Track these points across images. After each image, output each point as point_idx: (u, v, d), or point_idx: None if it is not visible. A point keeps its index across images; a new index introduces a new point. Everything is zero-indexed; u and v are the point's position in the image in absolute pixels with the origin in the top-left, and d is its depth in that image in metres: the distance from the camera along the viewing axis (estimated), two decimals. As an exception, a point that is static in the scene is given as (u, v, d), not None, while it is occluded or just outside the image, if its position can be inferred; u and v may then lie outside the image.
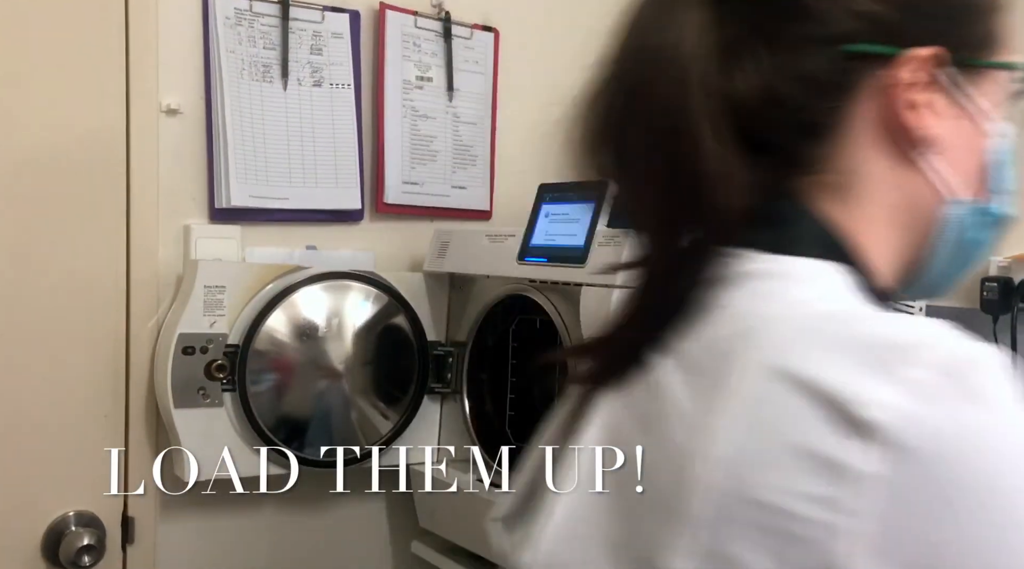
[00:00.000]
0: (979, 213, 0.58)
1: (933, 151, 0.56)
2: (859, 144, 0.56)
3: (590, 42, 1.98)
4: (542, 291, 1.29)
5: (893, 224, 0.57)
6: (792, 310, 0.51)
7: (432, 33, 1.63)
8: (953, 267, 0.60)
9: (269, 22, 1.47)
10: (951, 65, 0.55)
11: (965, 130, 0.57)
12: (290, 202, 1.48)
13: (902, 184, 0.56)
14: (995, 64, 0.58)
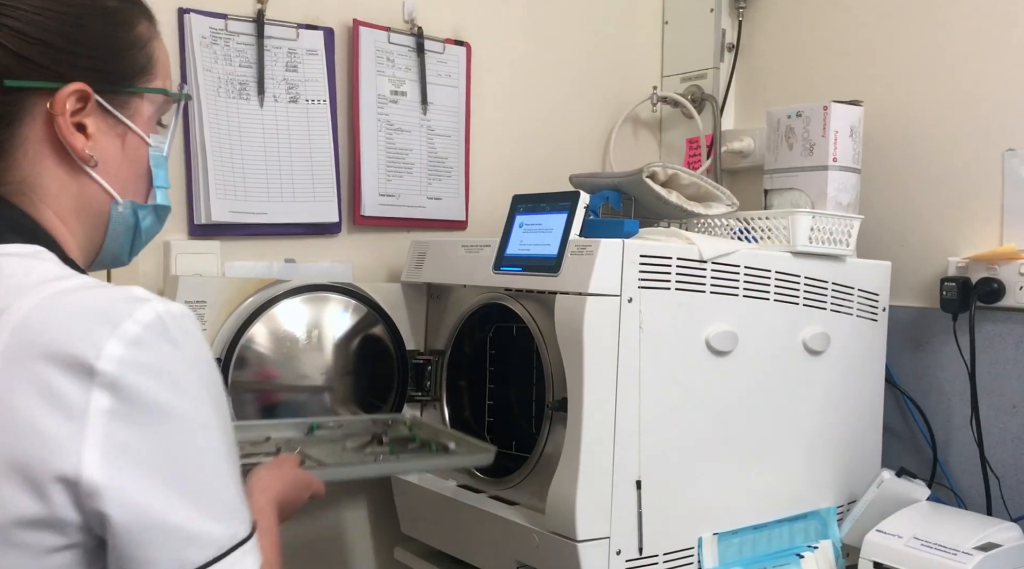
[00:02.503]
0: (141, 208, 0.78)
1: (94, 165, 0.74)
2: (29, 158, 0.72)
3: (560, 55, 2.05)
4: (518, 299, 1.32)
5: (65, 218, 0.74)
6: (32, 288, 0.64)
7: (405, 48, 1.66)
8: (128, 247, 0.80)
9: (245, 40, 1.49)
10: (102, 94, 0.73)
11: (128, 144, 0.76)
12: (268, 216, 1.50)
13: (69, 188, 0.74)
14: (135, 90, 0.75)
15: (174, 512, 0.63)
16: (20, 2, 0.70)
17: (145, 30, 0.78)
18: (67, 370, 0.61)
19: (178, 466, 0.63)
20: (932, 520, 1.31)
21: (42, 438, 0.60)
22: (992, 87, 1.51)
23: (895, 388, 1.59)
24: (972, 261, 1.50)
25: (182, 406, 0.64)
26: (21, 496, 0.60)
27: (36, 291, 0.64)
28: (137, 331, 0.63)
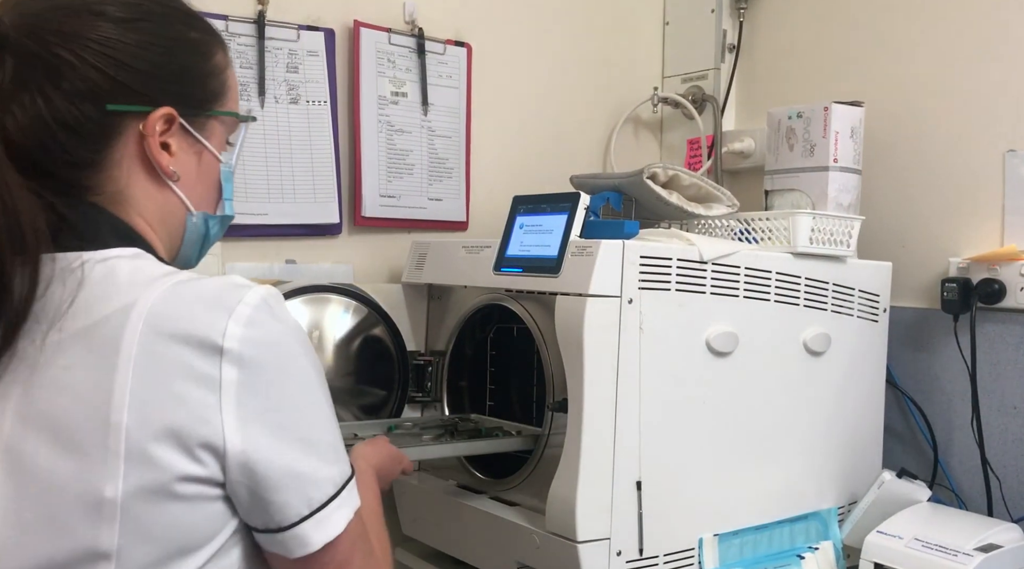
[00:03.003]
0: (211, 218, 0.88)
1: (176, 180, 0.83)
2: (122, 172, 0.80)
3: (560, 55, 2.05)
4: (518, 300, 1.32)
5: (152, 225, 0.83)
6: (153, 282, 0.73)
7: (406, 49, 1.66)
8: (198, 252, 0.89)
9: (245, 41, 1.49)
10: (184, 118, 0.82)
11: (203, 161, 0.85)
12: (269, 217, 1.51)
13: (155, 199, 0.83)
14: (212, 113, 0.85)
15: (299, 461, 0.74)
16: (124, 37, 0.78)
17: (221, 59, 0.86)
18: (200, 350, 0.71)
19: (298, 422, 0.74)
20: (933, 521, 1.31)
21: (188, 409, 0.70)
22: (993, 88, 1.51)
23: (896, 389, 1.59)
24: (973, 262, 1.50)
25: (293, 370, 0.75)
26: (178, 457, 0.70)
27: (156, 284, 0.74)
28: (249, 312, 0.73)
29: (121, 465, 0.69)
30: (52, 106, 0.76)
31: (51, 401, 0.71)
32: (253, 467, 0.72)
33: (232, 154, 0.90)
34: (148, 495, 0.70)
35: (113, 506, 0.69)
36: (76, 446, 0.70)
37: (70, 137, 0.77)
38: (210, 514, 0.73)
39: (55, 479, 0.70)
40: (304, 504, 0.74)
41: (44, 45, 0.76)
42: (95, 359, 0.71)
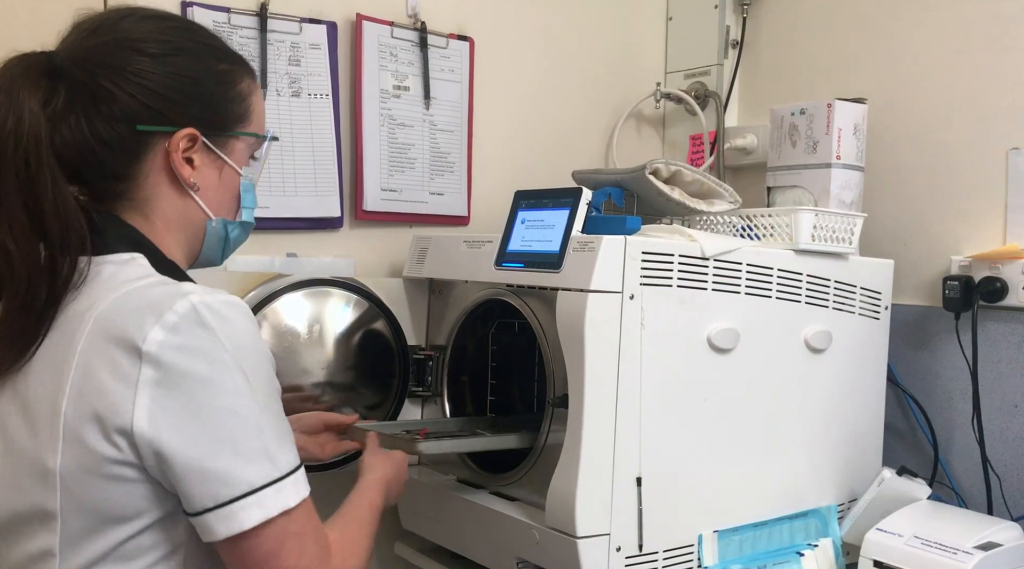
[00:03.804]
0: (229, 224, 1.01)
1: (197, 190, 0.96)
2: (151, 182, 0.95)
3: (563, 50, 2.04)
4: (519, 295, 1.32)
5: (172, 230, 0.97)
6: (104, 295, 0.85)
7: (408, 43, 1.65)
8: (220, 252, 1.03)
9: (247, 34, 1.49)
10: (207, 137, 0.96)
11: (224, 175, 0.99)
12: (271, 210, 1.50)
13: (178, 206, 0.96)
14: (233, 134, 0.98)
15: (206, 459, 0.81)
16: (157, 69, 0.92)
17: (246, 86, 1.00)
18: (125, 350, 0.81)
19: (210, 422, 0.81)
20: (933, 519, 1.31)
21: (109, 399, 0.81)
22: (997, 86, 1.51)
23: (897, 387, 1.59)
24: (975, 260, 1.50)
25: (212, 376, 0.82)
26: (100, 441, 0.81)
27: (116, 290, 0.85)
28: (174, 320, 0.81)
29: (60, 443, 0.82)
30: (93, 126, 0.90)
31: (29, 385, 0.86)
32: (161, 457, 0.81)
33: (255, 168, 1.03)
34: (81, 471, 0.82)
35: (55, 477, 0.82)
36: (36, 426, 0.84)
37: (107, 152, 0.91)
38: (135, 492, 0.83)
39: (22, 450, 0.85)
40: (209, 498, 0.81)
41: (91, 76, 0.90)
42: (60, 352, 0.84)
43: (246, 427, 0.83)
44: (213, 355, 0.82)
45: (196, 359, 0.81)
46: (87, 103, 0.90)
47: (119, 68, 0.91)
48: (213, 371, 0.82)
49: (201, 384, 0.81)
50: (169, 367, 0.80)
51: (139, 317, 0.82)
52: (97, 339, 0.82)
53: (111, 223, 0.93)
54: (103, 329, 0.82)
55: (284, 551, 0.84)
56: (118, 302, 0.84)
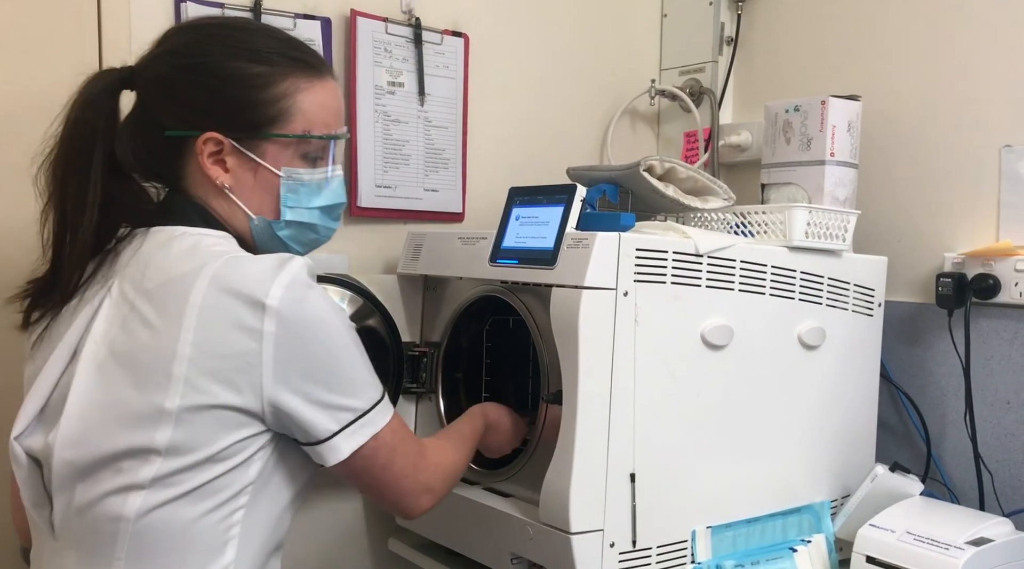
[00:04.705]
0: (272, 224, 1.05)
1: (229, 190, 1.02)
2: (196, 182, 1.03)
3: (558, 47, 2.03)
4: (514, 292, 1.32)
5: (232, 226, 1.04)
6: (215, 256, 0.93)
7: (403, 39, 1.65)
8: (280, 248, 1.05)
9: (241, 30, 1.48)
10: (235, 140, 1.00)
11: (259, 176, 1.02)
12: (265, 207, 1.50)
13: (223, 206, 1.03)
14: (264, 136, 1.01)
15: (324, 395, 0.95)
16: (180, 77, 1.00)
17: (287, 87, 1.01)
18: (248, 305, 0.90)
19: (325, 365, 0.94)
20: (925, 515, 1.32)
21: (234, 349, 0.90)
22: (990, 83, 1.51)
23: (890, 383, 1.59)
24: (968, 257, 1.50)
25: (324, 324, 0.94)
26: (222, 389, 0.90)
27: (223, 256, 0.94)
28: (289, 278, 0.92)
29: (180, 386, 0.90)
30: (140, 134, 1.01)
31: (136, 332, 0.93)
32: (287, 401, 0.92)
33: (302, 168, 1.04)
34: (196, 412, 0.90)
35: (170, 416, 0.90)
36: (143, 373, 0.91)
37: (152, 157, 1.02)
38: (239, 435, 0.92)
39: (120, 396, 0.92)
40: (334, 423, 0.95)
41: (141, 87, 1.02)
42: (171, 305, 0.91)
43: (353, 363, 0.97)
44: (321, 308, 0.94)
45: (311, 312, 0.93)
46: (139, 111, 1.02)
47: (155, 78, 1.01)
48: (324, 322, 0.94)
49: (316, 333, 0.93)
50: (290, 319, 0.91)
51: (258, 276, 0.91)
52: (216, 294, 0.90)
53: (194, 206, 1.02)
54: (221, 286, 0.91)
55: (397, 454, 1.01)
56: (231, 263, 0.93)
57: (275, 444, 0.97)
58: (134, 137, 1.02)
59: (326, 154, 1.06)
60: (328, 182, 1.07)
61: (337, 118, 1.06)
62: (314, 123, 1.03)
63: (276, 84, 1.01)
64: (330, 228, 1.11)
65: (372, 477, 1.01)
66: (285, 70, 1.01)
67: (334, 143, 1.06)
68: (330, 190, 1.07)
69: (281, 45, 1.03)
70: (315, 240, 1.10)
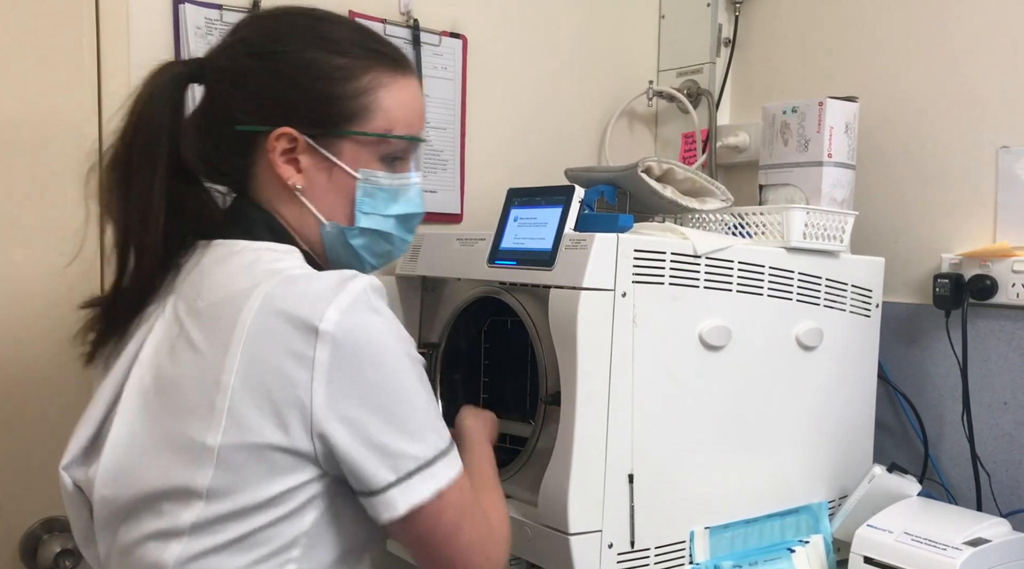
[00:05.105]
0: (346, 230, 0.95)
1: (300, 192, 0.92)
2: (265, 183, 0.93)
3: (556, 48, 2.03)
4: (512, 293, 1.32)
5: (299, 233, 0.94)
6: (271, 274, 0.84)
7: (401, 40, 1.65)
8: (352, 260, 0.97)
9: (240, 31, 1.48)
10: (310, 137, 0.91)
11: (334, 177, 0.93)
12: (263, 208, 1.50)
13: (293, 210, 0.93)
14: (341, 133, 0.92)
15: (381, 435, 0.81)
16: (255, 68, 0.91)
17: (368, 82, 0.92)
18: (300, 330, 0.80)
19: (385, 400, 0.82)
20: (922, 515, 1.32)
21: (283, 377, 0.79)
22: (987, 84, 1.52)
23: (887, 384, 1.59)
24: (965, 258, 1.50)
25: (384, 356, 0.82)
26: (269, 423, 0.79)
27: (279, 274, 0.84)
28: (348, 301, 0.81)
29: (223, 420, 0.79)
30: (208, 131, 0.93)
31: (182, 357, 0.84)
32: (338, 438, 0.80)
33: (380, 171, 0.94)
34: (240, 451, 0.80)
35: (212, 454, 0.80)
36: (186, 403, 0.82)
37: (220, 155, 0.93)
38: (286, 480, 0.81)
39: (164, 429, 0.83)
40: (390, 472, 0.82)
41: (212, 79, 0.93)
42: (219, 328, 0.82)
43: (414, 404, 0.84)
44: (384, 335, 0.83)
45: (371, 338, 0.82)
46: (206, 105, 0.93)
47: (227, 70, 0.92)
48: (385, 352, 0.82)
49: (374, 364, 0.81)
50: (346, 346, 0.80)
51: (314, 298, 0.81)
52: (267, 318, 0.80)
53: (259, 213, 0.93)
54: (273, 308, 0.81)
55: (466, 520, 0.87)
56: (287, 283, 0.82)
57: (333, 490, 0.85)
58: (201, 134, 0.92)
59: (406, 158, 0.96)
60: (407, 189, 0.97)
61: (420, 119, 0.97)
62: (396, 122, 0.94)
63: (357, 78, 0.91)
64: (405, 240, 1.00)
65: (435, 546, 0.86)
66: (367, 64, 0.92)
67: (416, 146, 0.97)
68: (408, 198, 0.97)
69: (364, 38, 0.94)
70: (388, 252, 0.99)
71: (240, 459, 0.80)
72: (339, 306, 0.80)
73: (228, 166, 0.94)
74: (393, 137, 0.94)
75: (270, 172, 0.92)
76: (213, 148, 0.93)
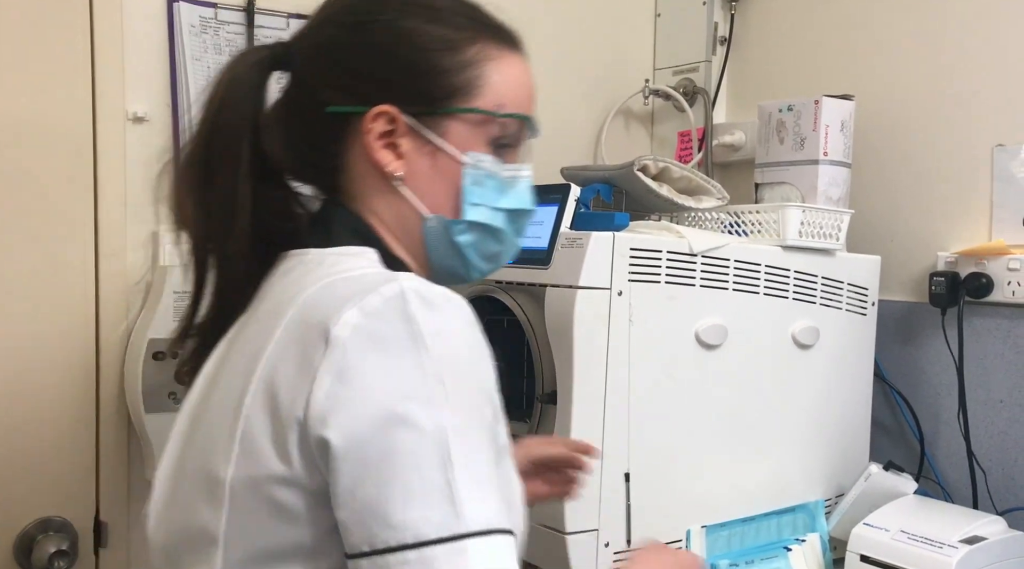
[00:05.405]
0: (452, 224, 0.80)
1: (401, 181, 0.78)
2: (357, 174, 0.80)
3: (551, 47, 2.04)
4: (508, 291, 1.32)
5: (392, 232, 0.80)
6: (316, 280, 0.72)
7: (396, 39, 1.65)
8: (457, 261, 0.82)
9: (234, 30, 1.48)
10: (411, 115, 0.77)
11: (439, 162, 0.79)
12: (258, 207, 1.49)
13: (389, 203, 0.80)
14: (446, 110, 0.78)
15: (368, 483, 0.61)
16: (347, 40, 0.79)
17: (475, 53, 0.79)
18: (316, 332, 0.66)
19: (383, 436, 0.62)
20: (919, 513, 1.32)
21: (287, 389, 0.66)
22: (983, 83, 1.52)
23: (884, 382, 1.59)
24: (961, 256, 1.50)
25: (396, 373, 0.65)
26: (270, 448, 0.66)
27: (330, 276, 0.72)
28: (377, 303, 0.66)
29: (235, 449, 0.67)
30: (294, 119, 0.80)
31: (221, 375, 0.74)
32: (328, 468, 0.63)
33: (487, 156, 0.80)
34: (248, 487, 0.66)
35: (223, 490, 0.68)
36: (214, 429, 0.71)
37: (307, 144, 0.80)
38: (295, 522, 0.66)
39: (195, 461, 0.73)
40: (363, 539, 0.61)
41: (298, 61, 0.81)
42: (255, 344, 0.71)
43: (428, 454, 0.62)
44: (408, 352, 0.64)
45: (388, 352, 0.64)
46: (292, 92, 0.81)
47: (316, 45, 0.81)
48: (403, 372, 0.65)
49: (382, 385, 0.64)
50: (353, 355, 0.64)
51: (339, 299, 0.67)
52: (296, 327, 0.68)
53: (342, 215, 0.80)
54: (304, 316, 0.68)
55: None
56: (328, 287, 0.70)
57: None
58: (286, 124, 0.80)
59: (516, 146, 0.83)
60: (518, 182, 0.82)
61: (531, 101, 0.83)
62: (506, 101, 0.80)
63: (462, 50, 0.79)
64: (515, 243, 0.85)
65: None
66: (472, 35, 0.80)
67: (527, 134, 0.83)
68: (519, 193, 0.82)
69: (467, 8, 0.83)
70: (497, 254, 0.84)
71: (246, 497, 0.67)
72: (363, 308, 0.65)
73: (316, 157, 0.81)
74: (508, 115, 0.80)
75: (364, 161, 0.79)
76: (299, 139, 0.81)
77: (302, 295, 0.70)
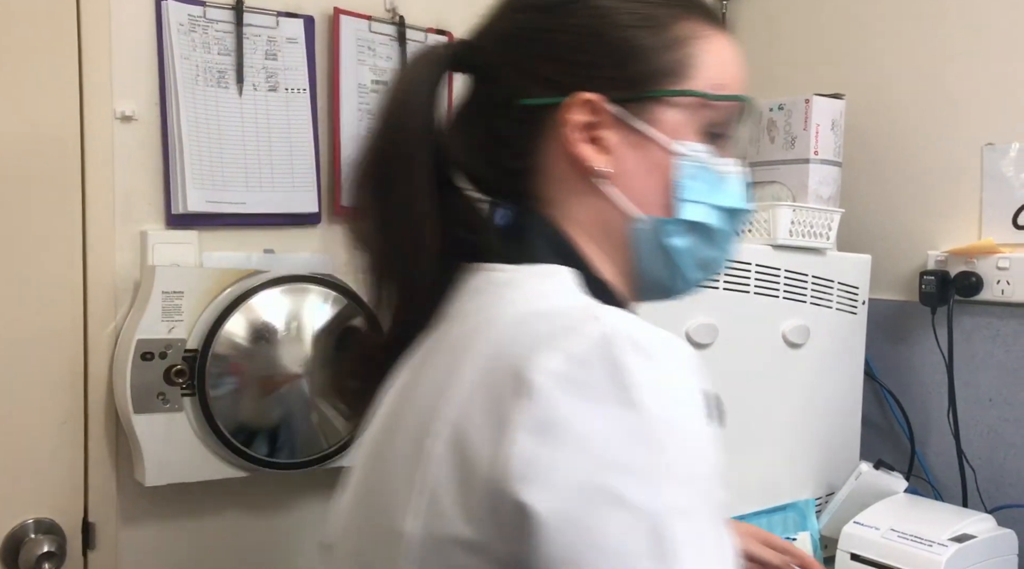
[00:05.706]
0: (665, 225, 0.70)
1: (606, 179, 0.69)
2: (553, 175, 0.70)
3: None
4: (498, 291, 1.32)
5: (594, 239, 0.70)
6: (508, 310, 0.63)
7: (386, 37, 1.64)
8: (668, 271, 0.73)
9: (223, 28, 1.47)
10: (615, 103, 0.68)
11: (649, 155, 0.69)
12: (247, 206, 1.49)
13: (590, 206, 0.70)
14: (653, 94, 0.68)
15: (604, 537, 0.52)
16: (540, 23, 0.70)
17: (683, 31, 0.70)
18: (508, 376, 0.56)
19: (588, 511, 0.52)
20: (909, 512, 1.32)
21: (481, 441, 0.56)
22: (972, 82, 1.52)
23: (874, 381, 1.60)
24: (951, 255, 1.51)
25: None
26: (459, 514, 0.56)
27: (526, 306, 0.63)
28: (583, 347, 0.55)
29: (425, 500, 0.58)
30: (479, 119, 0.73)
31: (399, 409, 0.66)
32: (536, 536, 0.52)
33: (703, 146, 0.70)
34: (431, 546, 0.57)
35: (409, 547, 0.58)
36: (391, 472, 0.62)
37: (500, 147, 0.72)
38: None
39: (372, 509, 0.64)
40: None
41: (483, 54, 0.73)
42: (437, 375, 0.62)
43: (637, 536, 0.51)
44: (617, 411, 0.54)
45: (591, 406, 0.54)
46: (477, 90, 0.74)
47: (501, 36, 0.72)
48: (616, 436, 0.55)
49: (590, 449, 0.54)
50: (554, 409, 0.54)
51: (534, 339, 0.57)
52: (485, 365, 0.59)
53: (536, 229, 0.71)
54: (498, 353, 0.59)
55: None
56: (520, 324, 0.61)
57: None
58: (469, 126, 0.73)
59: (728, 136, 0.73)
60: (734, 178, 0.72)
61: (743, 86, 0.73)
62: (723, 82, 0.71)
63: (667, 27, 0.70)
64: (730, 249, 0.76)
65: None
66: (675, 12, 0.70)
67: (740, 121, 0.73)
68: (735, 190, 0.72)
69: None
70: (712, 262, 0.75)
71: (431, 558, 0.57)
72: (566, 352, 0.55)
73: (505, 159, 0.72)
74: (728, 98, 0.70)
75: (561, 160, 0.70)
76: (487, 141, 0.72)
77: (492, 329, 0.62)
